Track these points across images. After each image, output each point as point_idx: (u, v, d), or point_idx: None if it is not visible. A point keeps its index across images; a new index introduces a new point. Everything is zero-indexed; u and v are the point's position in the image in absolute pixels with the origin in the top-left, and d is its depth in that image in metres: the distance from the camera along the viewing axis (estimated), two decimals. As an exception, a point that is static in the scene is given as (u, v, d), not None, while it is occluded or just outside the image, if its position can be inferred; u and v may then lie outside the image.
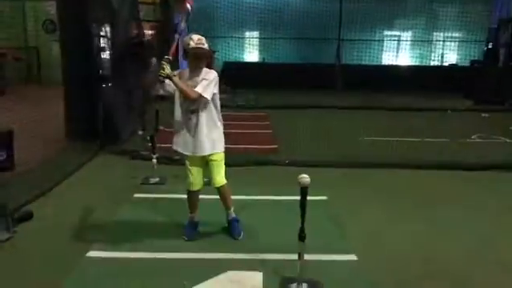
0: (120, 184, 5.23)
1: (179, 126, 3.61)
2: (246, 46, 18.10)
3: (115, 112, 7.07)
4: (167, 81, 3.39)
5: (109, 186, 5.16)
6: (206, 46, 3.46)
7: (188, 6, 3.55)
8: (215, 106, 3.60)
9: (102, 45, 7.11)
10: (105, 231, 3.90)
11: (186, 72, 3.56)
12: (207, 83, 3.43)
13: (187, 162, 3.71)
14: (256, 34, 18.22)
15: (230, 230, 3.82)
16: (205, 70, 3.52)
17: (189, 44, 3.42)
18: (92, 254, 3.45)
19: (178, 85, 3.38)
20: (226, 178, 3.76)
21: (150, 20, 12.27)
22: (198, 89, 3.39)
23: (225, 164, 3.76)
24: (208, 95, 3.42)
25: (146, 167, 5.47)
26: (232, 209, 3.88)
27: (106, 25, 7.20)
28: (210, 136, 3.59)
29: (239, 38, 17.51)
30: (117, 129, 7.07)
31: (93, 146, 6.60)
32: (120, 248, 3.58)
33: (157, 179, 5.28)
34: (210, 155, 3.62)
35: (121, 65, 7.18)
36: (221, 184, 3.72)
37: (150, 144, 5.40)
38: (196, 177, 3.71)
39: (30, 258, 3.45)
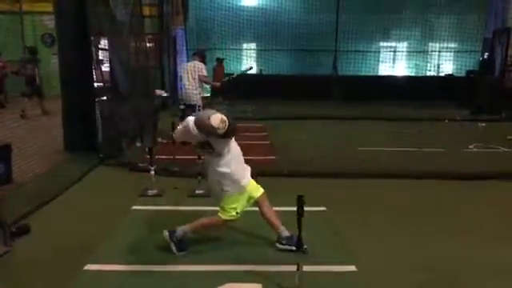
0: (118, 196, 5.21)
1: (235, 165, 3.60)
2: (244, 57, 18.22)
3: (114, 124, 7.08)
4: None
5: (107, 199, 5.14)
6: (227, 121, 3.35)
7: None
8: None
9: (100, 57, 7.15)
10: (102, 244, 3.87)
11: None
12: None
13: (241, 196, 3.59)
14: (253, 45, 18.34)
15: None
16: None
17: (217, 130, 3.29)
18: (90, 267, 3.43)
19: None
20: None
21: (148, 32, 12.36)
22: None
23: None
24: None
25: (144, 179, 5.45)
26: (282, 228, 3.74)
27: (105, 37, 7.25)
28: None
29: (236, 49, 17.62)
30: (115, 141, 7.07)
31: (91, 159, 6.60)
32: (118, 261, 3.55)
33: (155, 191, 5.26)
34: None
35: (120, 77, 7.22)
36: (262, 190, 3.72)
37: (148, 156, 5.40)
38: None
39: (27, 272, 3.42)
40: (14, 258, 3.61)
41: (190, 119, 3.53)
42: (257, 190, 3.71)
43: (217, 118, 3.28)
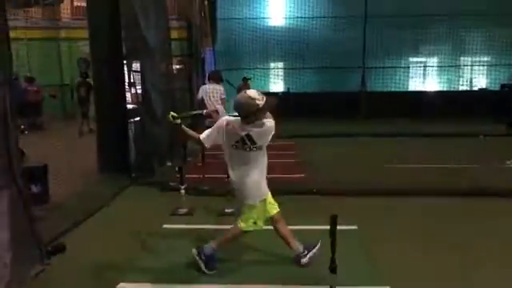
0: (150, 215, 5.30)
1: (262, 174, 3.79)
2: (271, 76, 18.39)
3: (146, 145, 7.24)
4: None
5: (139, 217, 5.23)
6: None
7: None
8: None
9: (133, 80, 7.36)
10: (135, 262, 3.93)
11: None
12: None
13: (260, 206, 3.66)
14: (281, 64, 18.49)
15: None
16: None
17: (256, 100, 3.43)
18: (123, 285, 3.48)
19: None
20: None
21: (177, 55, 12.70)
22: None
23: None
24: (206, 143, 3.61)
25: (174, 198, 5.52)
26: (297, 244, 3.78)
27: (137, 60, 7.47)
28: None
29: (264, 69, 17.83)
30: (147, 161, 7.21)
31: (124, 179, 6.75)
32: (150, 279, 3.59)
33: (185, 210, 5.32)
34: None
35: (153, 98, 7.40)
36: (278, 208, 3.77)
37: (178, 175, 5.47)
38: None
39: (63, 290, 3.50)
40: (49, 277, 3.69)
41: (221, 120, 3.69)
42: (274, 207, 3.75)
43: (253, 91, 3.52)
